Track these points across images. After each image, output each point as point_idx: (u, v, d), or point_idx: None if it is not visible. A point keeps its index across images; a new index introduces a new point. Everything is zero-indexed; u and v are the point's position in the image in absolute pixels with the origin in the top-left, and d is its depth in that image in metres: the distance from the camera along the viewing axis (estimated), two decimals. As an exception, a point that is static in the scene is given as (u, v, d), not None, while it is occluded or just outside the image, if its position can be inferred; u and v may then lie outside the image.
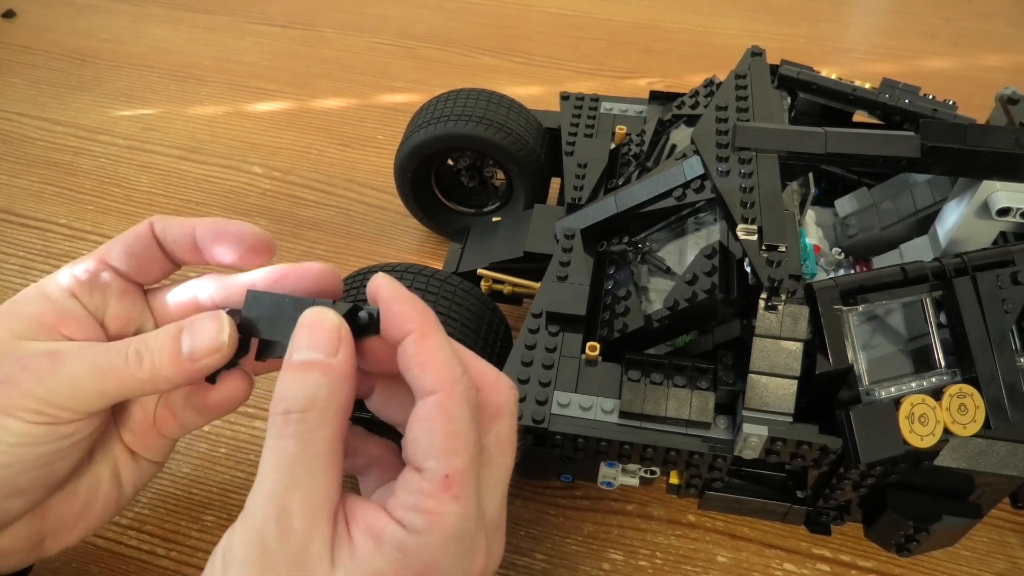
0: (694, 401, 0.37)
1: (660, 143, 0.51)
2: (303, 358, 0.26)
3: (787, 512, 0.41)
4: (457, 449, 0.26)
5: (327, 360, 0.26)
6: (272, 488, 0.25)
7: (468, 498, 0.26)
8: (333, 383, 0.26)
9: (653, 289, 0.42)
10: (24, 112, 0.75)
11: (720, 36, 0.89)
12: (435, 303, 0.40)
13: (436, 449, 0.26)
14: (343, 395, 0.26)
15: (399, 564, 0.25)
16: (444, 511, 0.25)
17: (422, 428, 0.26)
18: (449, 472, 0.26)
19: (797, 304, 0.35)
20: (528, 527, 0.44)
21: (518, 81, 0.81)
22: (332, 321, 0.27)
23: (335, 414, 0.26)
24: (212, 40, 0.86)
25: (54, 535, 0.32)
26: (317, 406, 0.25)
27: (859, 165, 0.40)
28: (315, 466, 0.25)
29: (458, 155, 0.56)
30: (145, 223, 0.33)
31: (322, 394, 0.26)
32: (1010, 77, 0.82)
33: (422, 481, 0.26)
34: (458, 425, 0.26)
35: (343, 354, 0.26)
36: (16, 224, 0.63)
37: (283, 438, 0.25)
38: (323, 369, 0.26)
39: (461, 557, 0.26)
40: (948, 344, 0.35)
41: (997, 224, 0.40)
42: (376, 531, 0.25)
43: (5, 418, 0.28)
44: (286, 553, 0.24)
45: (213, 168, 0.69)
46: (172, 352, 0.29)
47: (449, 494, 0.25)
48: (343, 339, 0.27)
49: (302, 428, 0.25)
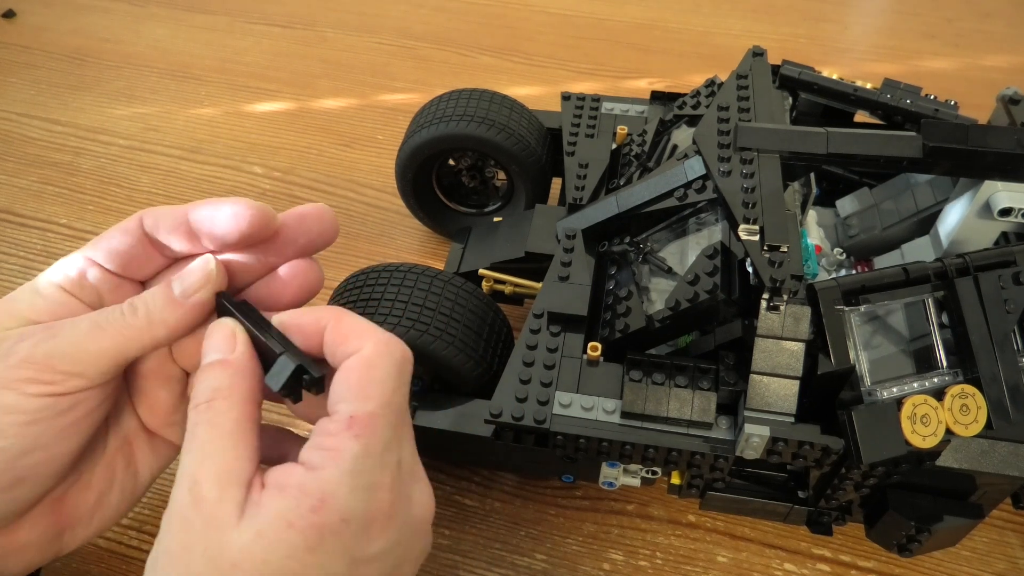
0: (696, 401, 0.37)
1: (661, 143, 0.50)
2: (207, 360, 0.29)
3: (789, 512, 0.41)
4: (369, 395, 0.28)
5: (225, 357, 0.29)
6: (186, 468, 0.27)
7: (371, 438, 0.27)
8: (233, 373, 0.29)
9: (655, 289, 0.42)
10: (24, 112, 0.75)
11: (720, 36, 0.89)
12: (437, 303, 0.40)
13: (347, 394, 0.28)
14: (244, 384, 0.29)
15: (296, 501, 0.26)
16: (342, 447, 0.27)
17: (340, 376, 0.28)
18: (355, 414, 0.27)
19: (799, 304, 0.35)
20: (528, 527, 0.44)
21: (518, 81, 0.81)
22: (228, 327, 0.30)
23: (238, 399, 0.28)
24: (212, 40, 0.86)
25: (72, 528, 0.32)
26: (220, 395, 0.28)
27: (861, 165, 0.40)
28: (223, 443, 0.27)
29: (459, 155, 0.56)
30: (135, 218, 0.33)
31: (224, 384, 0.28)
32: (1011, 77, 0.82)
33: (329, 423, 0.28)
34: (375, 373, 0.28)
35: (239, 350, 0.29)
36: (16, 224, 0.63)
37: (195, 425, 0.28)
38: (223, 365, 0.29)
39: (359, 491, 0.27)
40: (950, 344, 0.35)
41: (999, 224, 0.40)
42: (282, 481, 0.27)
43: (1, 392, 0.28)
44: (200, 517, 0.26)
45: (213, 168, 0.69)
46: (165, 295, 0.31)
47: (350, 432, 0.27)
48: (238, 339, 0.30)
49: (209, 415, 0.28)
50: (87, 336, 0.29)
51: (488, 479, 0.46)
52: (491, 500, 0.45)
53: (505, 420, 0.37)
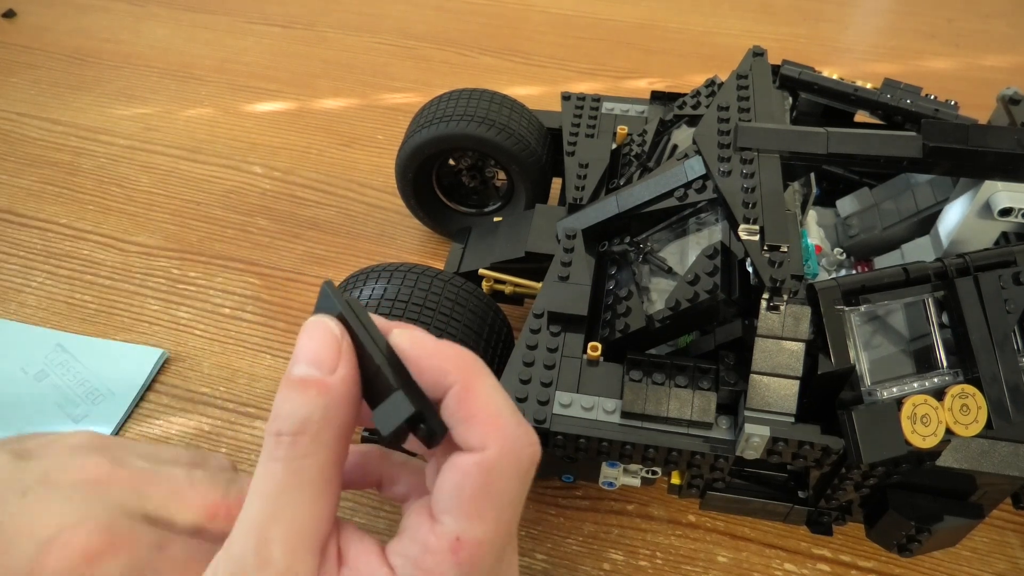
0: (696, 401, 0.37)
1: (661, 143, 0.50)
2: (301, 374, 0.24)
3: (789, 512, 0.41)
4: (482, 514, 0.23)
5: (324, 378, 0.23)
6: (255, 517, 0.23)
7: (476, 569, 0.23)
8: (329, 406, 0.23)
9: (655, 289, 0.42)
10: (24, 112, 0.75)
11: (720, 36, 0.89)
12: (436, 304, 0.40)
13: (457, 505, 0.23)
14: (340, 419, 0.24)
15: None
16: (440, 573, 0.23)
17: (452, 478, 0.23)
18: (462, 536, 0.23)
19: (799, 304, 0.35)
20: (528, 527, 0.44)
21: (519, 81, 0.81)
22: (332, 331, 0.24)
23: (330, 439, 0.24)
24: (212, 40, 0.86)
25: None
26: (310, 429, 0.23)
27: (861, 165, 0.40)
28: (303, 496, 0.23)
29: (459, 155, 0.56)
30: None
31: (316, 416, 0.23)
32: (1011, 77, 0.82)
33: (430, 534, 0.23)
34: (495, 486, 0.23)
35: (342, 371, 0.24)
36: (16, 224, 0.63)
37: (273, 461, 0.23)
38: (319, 388, 0.23)
39: None
40: (950, 344, 0.35)
41: (999, 224, 0.40)
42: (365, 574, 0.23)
43: None
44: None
45: (213, 168, 0.69)
46: None
47: (454, 558, 0.23)
48: (344, 354, 0.24)
49: (292, 453, 0.23)
50: None
51: (488, 479, 0.46)
52: (491, 500, 0.45)
53: (505, 420, 0.37)
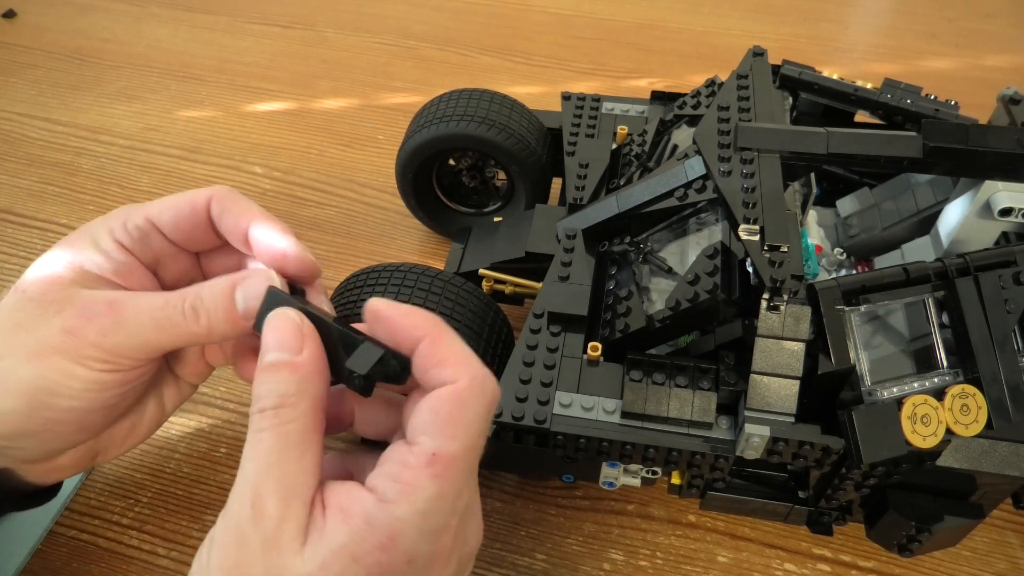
0: (696, 401, 0.37)
1: (662, 143, 0.50)
2: (272, 359, 0.27)
3: (789, 512, 0.41)
4: (456, 435, 0.26)
5: (293, 359, 0.27)
6: (249, 477, 0.26)
7: (449, 481, 0.26)
8: (301, 379, 0.27)
9: (655, 289, 0.42)
10: (24, 112, 0.75)
11: (720, 36, 0.89)
12: (437, 304, 0.40)
13: (433, 428, 0.26)
14: (312, 389, 0.27)
15: (363, 535, 0.25)
16: (418, 484, 0.25)
17: (428, 406, 0.26)
18: (438, 452, 0.26)
19: (799, 304, 0.35)
20: (528, 527, 0.44)
21: (519, 81, 0.81)
22: (293, 320, 0.28)
23: (307, 407, 0.27)
24: (212, 40, 0.86)
25: (105, 451, 0.36)
26: (288, 402, 0.27)
27: (861, 165, 0.40)
28: (290, 455, 0.26)
29: (459, 155, 0.56)
30: (203, 197, 0.34)
31: (292, 391, 0.27)
32: (1011, 77, 0.82)
33: (408, 453, 0.26)
34: (466, 413, 0.26)
35: (307, 351, 0.28)
36: (16, 224, 0.63)
37: (261, 431, 0.27)
38: (290, 368, 0.27)
39: (428, 534, 0.26)
40: (950, 344, 0.35)
41: (999, 224, 0.40)
42: (347, 506, 0.26)
43: (75, 366, 0.30)
44: (260, 536, 0.25)
45: (213, 168, 0.69)
46: (227, 309, 0.31)
47: (430, 471, 0.26)
48: (306, 336, 0.28)
49: (276, 421, 0.26)
50: (148, 332, 0.31)
51: (488, 479, 0.46)
52: (491, 500, 0.45)
53: (505, 420, 0.37)
